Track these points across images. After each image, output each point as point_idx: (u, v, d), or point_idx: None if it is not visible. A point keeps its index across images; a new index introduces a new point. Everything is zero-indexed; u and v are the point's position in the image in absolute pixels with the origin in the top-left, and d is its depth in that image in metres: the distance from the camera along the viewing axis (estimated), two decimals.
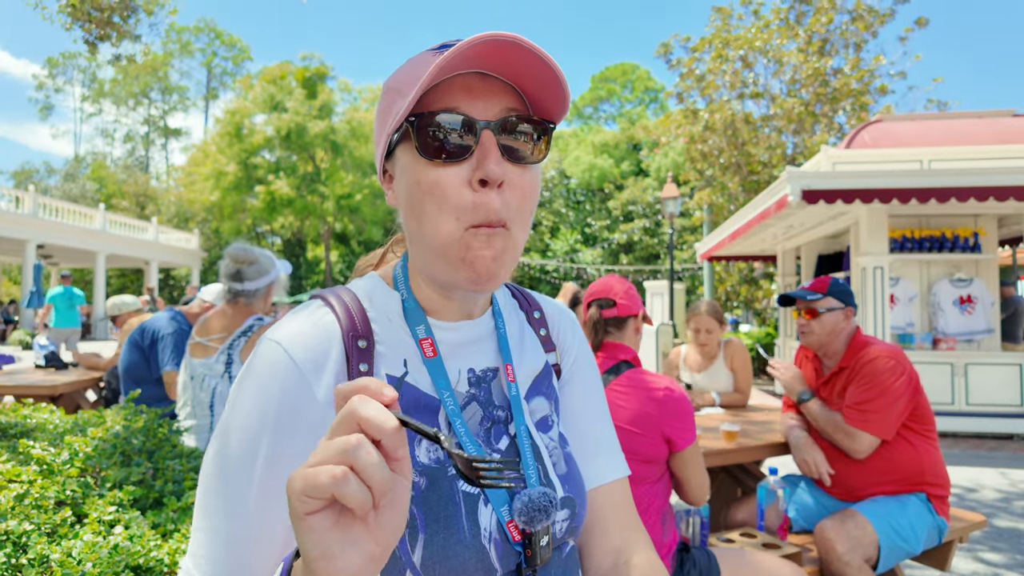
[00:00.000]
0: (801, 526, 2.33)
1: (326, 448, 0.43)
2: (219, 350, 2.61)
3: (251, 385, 0.65)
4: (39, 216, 20.54)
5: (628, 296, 2.02)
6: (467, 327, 0.78)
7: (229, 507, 0.63)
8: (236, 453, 0.63)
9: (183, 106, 50.64)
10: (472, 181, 0.65)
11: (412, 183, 0.68)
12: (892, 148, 7.28)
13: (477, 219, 0.65)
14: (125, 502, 1.48)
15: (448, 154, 0.65)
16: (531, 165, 0.69)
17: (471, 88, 0.66)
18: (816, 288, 2.40)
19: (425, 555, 0.63)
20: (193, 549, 0.64)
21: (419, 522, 0.64)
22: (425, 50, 0.71)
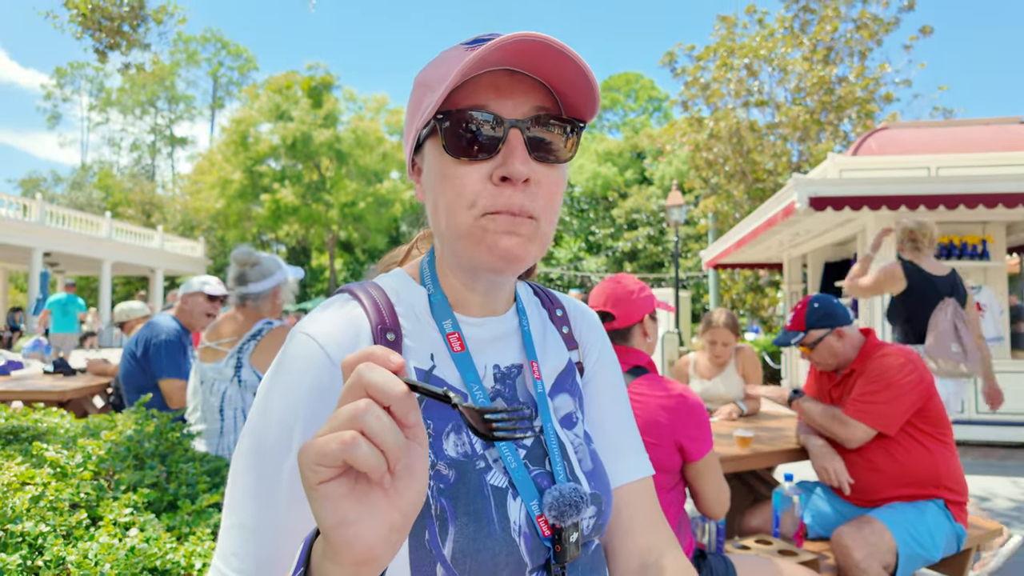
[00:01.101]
0: (817, 533, 2.31)
1: (335, 416, 0.42)
2: (229, 354, 2.61)
3: (283, 378, 0.65)
4: (46, 224, 20.66)
5: (626, 303, 1.93)
6: (492, 323, 0.78)
7: (261, 501, 0.62)
8: (268, 446, 0.63)
9: (189, 115, 51.01)
10: (494, 176, 0.65)
11: (438, 177, 0.68)
12: (899, 155, 7.27)
13: (495, 207, 0.65)
14: (139, 505, 1.48)
15: (475, 152, 0.65)
16: (558, 164, 0.69)
17: (500, 86, 0.66)
18: (795, 326, 2.39)
19: (456, 548, 0.63)
20: (223, 547, 0.62)
21: (449, 515, 0.64)
22: (459, 44, 0.71)
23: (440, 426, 0.68)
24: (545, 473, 0.72)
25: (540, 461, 0.73)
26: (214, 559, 0.63)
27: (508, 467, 0.69)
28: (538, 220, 0.67)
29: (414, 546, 0.62)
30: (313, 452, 0.41)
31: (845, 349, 2.31)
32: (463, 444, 0.69)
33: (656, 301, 2.01)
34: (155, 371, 3.13)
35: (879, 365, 2.18)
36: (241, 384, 2.55)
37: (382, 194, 30.22)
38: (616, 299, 1.94)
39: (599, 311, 1.95)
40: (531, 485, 0.69)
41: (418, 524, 0.63)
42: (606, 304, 1.95)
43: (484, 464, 0.68)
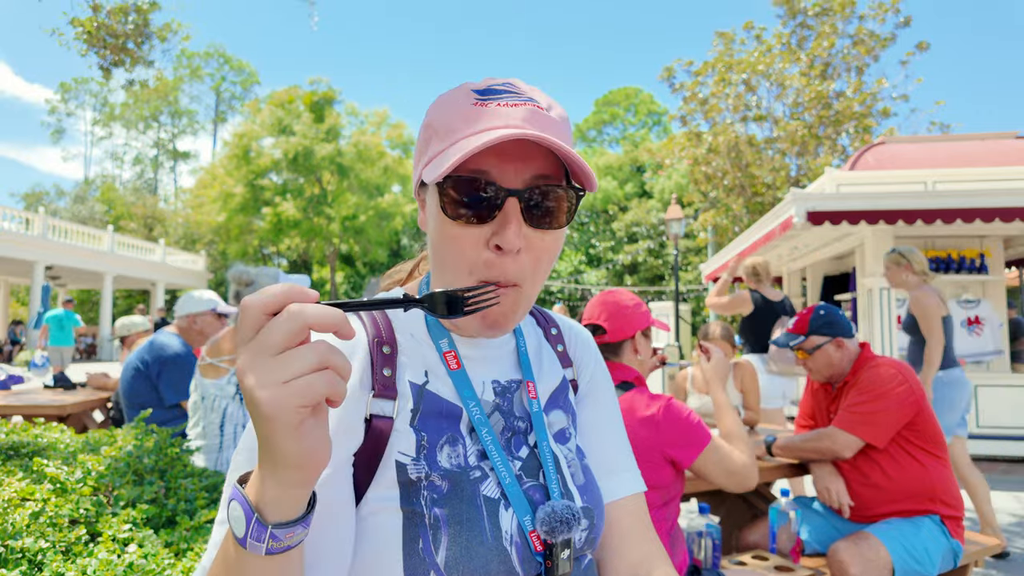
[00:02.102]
0: (814, 548, 2.31)
1: (297, 358, 0.46)
2: (230, 371, 2.63)
3: None
4: (48, 238, 20.73)
5: (618, 318, 1.91)
6: (488, 343, 0.80)
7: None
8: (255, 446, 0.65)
9: (192, 129, 51.33)
10: (489, 243, 0.67)
11: (437, 229, 0.71)
12: (896, 170, 7.32)
13: (490, 277, 0.68)
14: (138, 520, 1.49)
15: (470, 218, 0.67)
16: (554, 231, 0.70)
17: (504, 151, 0.67)
18: (798, 330, 2.40)
19: (448, 556, 0.64)
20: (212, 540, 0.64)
21: (442, 524, 0.65)
22: (469, 86, 0.71)
23: (434, 438, 0.70)
24: (538, 486, 0.74)
25: (534, 474, 0.75)
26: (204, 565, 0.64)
27: (501, 481, 0.71)
28: (522, 286, 0.70)
29: (408, 553, 0.64)
30: (297, 396, 0.45)
31: (842, 360, 2.32)
32: (457, 456, 0.71)
33: (651, 319, 2.00)
34: (170, 396, 3.12)
35: (869, 376, 2.20)
36: (242, 401, 2.56)
37: (383, 207, 30.34)
38: (609, 313, 1.93)
39: (591, 324, 1.95)
40: (523, 500, 0.71)
41: (411, 532, 0.65)
42: (599, 317, 1.94)
43: (478, 475, 0.70)
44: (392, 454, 0.68)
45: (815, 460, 2.32)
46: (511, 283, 0.68)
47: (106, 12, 7.06)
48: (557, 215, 0.69)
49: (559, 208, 0.68)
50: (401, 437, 0.69)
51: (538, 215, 0.67)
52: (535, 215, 0.67)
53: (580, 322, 2.02)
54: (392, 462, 0.68)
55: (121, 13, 7.16)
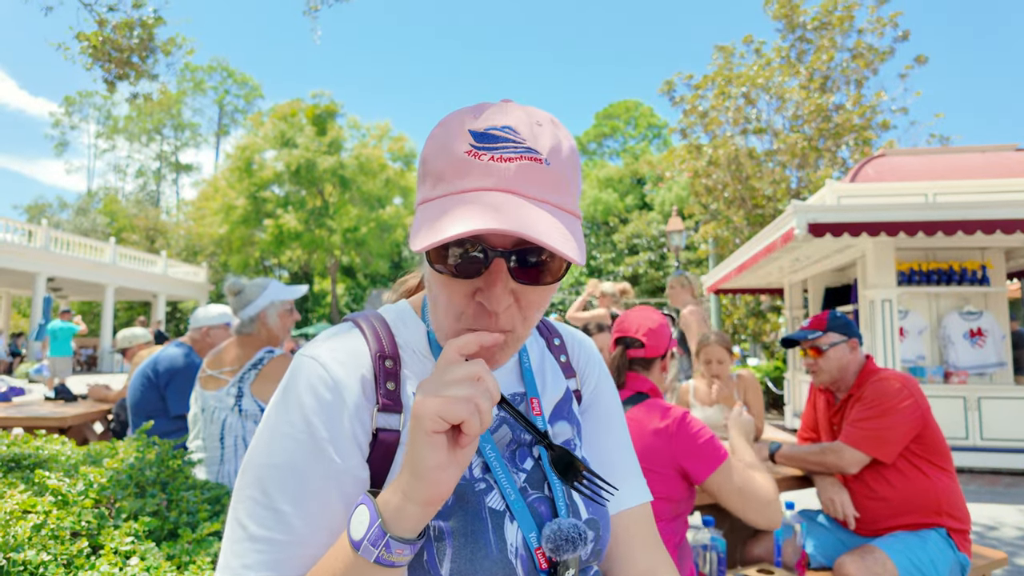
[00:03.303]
0: (819, 562, 2.29)
1: (457, 382, 0.57)
2: (230, 383, 2.62)
3: (288, 397, 0.68)
4: (50, 250, 20.78)
5: (656, 336, 1.97)
6: None
7: (272, 513, 0.64)
8: (274, 462, 0.65)
9: (195, 142, 51.60)
10: (476, 296, 0.66)
11: (427, 268, 0.69)
12: (897, 182, 7.33)
13: (477, 326, 0.67)
14: (140, 533, 1.48)
15: (458, 274, 0.65)
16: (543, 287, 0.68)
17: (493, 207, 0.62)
18: (815, 326, 2.40)
19: (453, 568, 0.64)
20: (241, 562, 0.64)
21: (447, 537, 0.65)
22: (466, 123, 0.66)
23: None
24: (544, 498, 0.73)
25: (539, 486, 0.74)
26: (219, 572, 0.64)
27: (506, 497, 0.70)
28: (515, 331, 0.69)
29: (413, 566, 0.64)
30: (442, 407, 0.55)
31: (851, 366, 2.31)
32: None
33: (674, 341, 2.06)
34: (176, 407, 3.12)
35: (875, 390, 2.19)
36: (242, 413, 2.55)
37: (384, 219, 30.43)
38: (649, 329, 1.98)
39: (629, 337, 1.97)
40: (528, 515, 0.71)
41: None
42: (638, 332, 1.98)
43: (483, 487, 0.70)
44: (398, 467, 0.68)
45: (819, 472, 2.31)
46: (501, 331, 0.67)
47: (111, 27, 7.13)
48: (546, 273, 0.66)
49: (549, 267, 0.66)
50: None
51: (527, 273, 0.65)
52: (524, 273, 0.65)
53: (616, 330, 2.04)
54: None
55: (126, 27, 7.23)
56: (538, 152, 0.64)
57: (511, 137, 0.63)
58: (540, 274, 0.66)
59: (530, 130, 0.65)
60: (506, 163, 0.62)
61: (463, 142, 0.64)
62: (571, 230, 0.63)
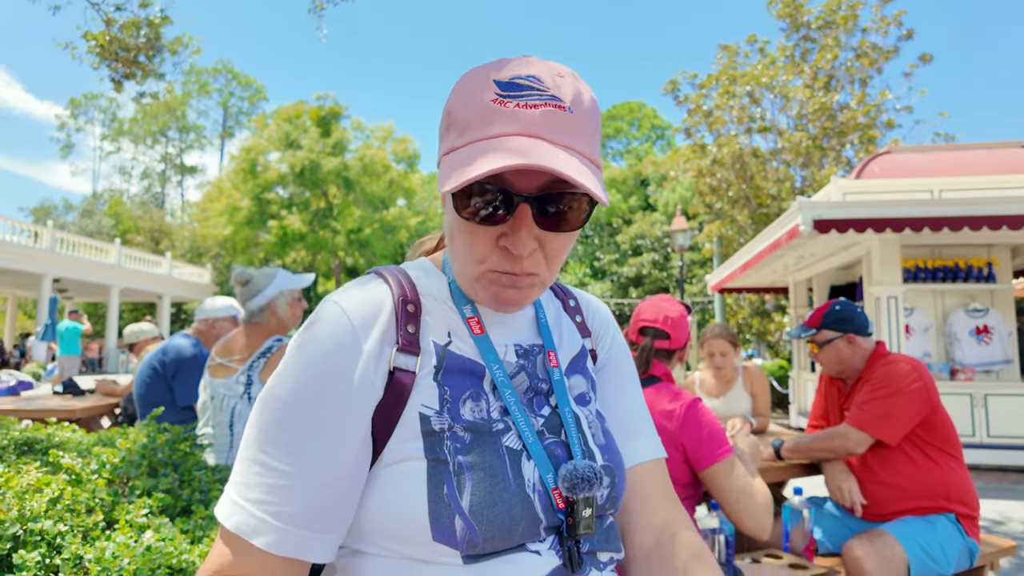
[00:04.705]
0: (827, 548, 2.29)
1: None
2: (239, 371, 2.64)
3: (309, 337, 0.70)
4: (56, 251, 20.88)
5: (679, 326, 2.00)
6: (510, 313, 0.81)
7: (286, 450, 0.65)
8: (289, 398, 0.67)
9: (199, 144, 51.82)
10: (500, 242, 0.68)
11: (452, 221, 0.71)
12: (902, 178, 7.33)
13: (501, 268, 0.69)
14: (154, 509, 1.49)
15: (484, 220, 0.67)
16: (567, 233, 0.70)
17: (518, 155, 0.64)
18: (811, 323, 2.41)
19: (473, 501, 0.65)
20: (253, 495, 0.65)
21: (466, 470, 0.67)
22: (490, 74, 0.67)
23: (457, 393, 0.72)
24: (560, 443, 0.75)
25: (556, 431, 0.76)
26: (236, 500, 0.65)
27: (523, 438, 0.72)
28: (540, 275, 0.71)
29: (433, 498, 0.65)
30: None
31: (853, 357, 2.31)
32: (480, 410, 0.72)
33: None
34: (183, 397, 3.14)
35: (884, 372, 2.18)
36: (251, 400, 2.57)
37: (388, 221, 30.50)
38: (674, 321, 2.00)
39: (655, 327, 1.98)
40: (545, 456, 0.72)
41: (435, 479, 0.66)
42: (664, 323, 1.99)
43: (500, 427, 0.72)
44: (415, 407, 0.69)
45: (827, 459, 2.31)
46: (525, 274, 0.69)
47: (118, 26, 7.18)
48: (570, 219, 0.68)
49: (572, 213, 0.68)
50: (423, 391, 0.70)
51: (551, 219, 0.67)
52: (547, 219, 0.67)
53: (638, 319, 2.06)
54: (415, 414, 0.69)
55: (133, 27, 7.28)
56: (561, 100, 0.66)
57: (535, 86, 0.65)
58: (564, 220, 0.68)
59: (552, 80, 0.67)
60: (531, 109, 0.64)
61: (488, 91, 0.66)
62: (595, 176, 0.65)
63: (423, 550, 0.65)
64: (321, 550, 0.66)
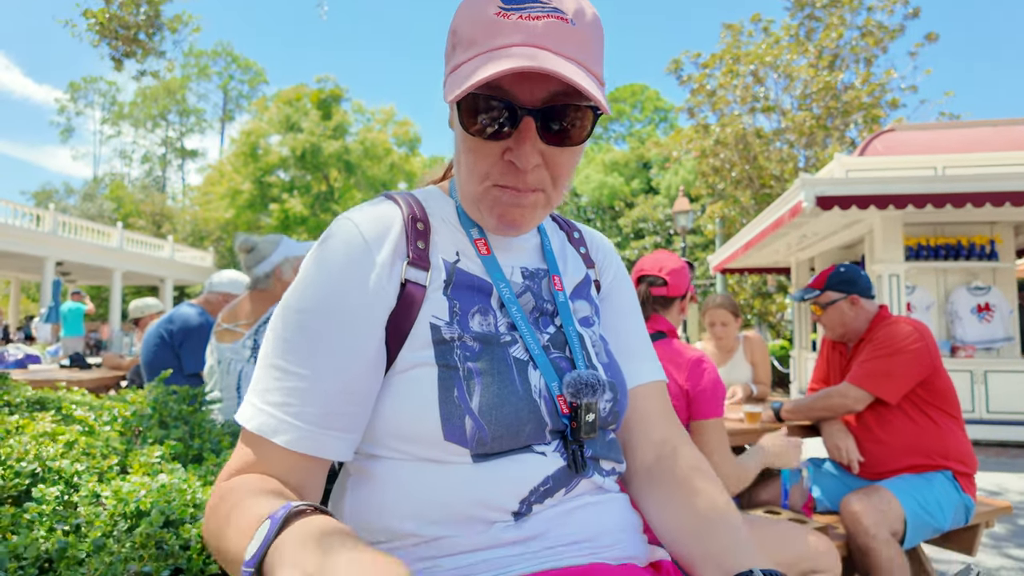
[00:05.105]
0: (825, 506, 2.33)
1: None
2: (245, 335, 2.67)
3: (323, 251, 0.72)
4: (58, 234, 20.89)
5: (678, 276, 2.01)
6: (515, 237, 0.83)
7: (304, 356, 0.68)
8: (306, 307, 0.69)
9: (200, 128, 51.59)
10: (505, 157, 0.70)
11: (458, 138, 0.73)
12: (906, 156, 7.30)
13: (505, 182, 0.71)
14: (166, 455, 1.53)
15: (488, 134, 0.68)
16: (571, 147, 0.71)
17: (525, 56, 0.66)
18: (815, 285, 2.42)
19: (482, 403, 0.68)
20: (273, 397, 0.67)
21: (475, 375, 0.69)
22: None
23: (466, 307, 0.74)
24: (564, 358, 0.77)
25: (560, 348, 0.78)
26: (258, 404, 0.68)
27: (530, 349, 0.74)
28: (546, 191, 0.73)
29: (443, 400, 0.67)
30: None
31: (856, 319, 2.32)
32: (488, 324, 0.74)
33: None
34: (190, 365, 3.17)
35: (886, 332, 2.20)
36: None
37: None
38: (672, 269, 2.02)
39: (652, 275, 2.01)
40: (550, 366, 0.75)
41: (446, 382, 0.68)
42: (661, 271, 2.02)
43: (508, 339, 0.74)
44: (425, 318, 0.72)
45: (826, 418, 2.33)
46: (530, 189, 0.71)
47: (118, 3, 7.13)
48: (574, 133, 0.69)
49: (576, 126, 0.69)
50: (434, 303, 0.73)
51: (554, 133, 0.68)
52: (551, 133, 0.68)
53: (637, 271, 2.07)
54: (426, 325, 0.72)
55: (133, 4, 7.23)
56: (564, 12, 0.67)
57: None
58: (568, 134, 0.69)
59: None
60: (534, 20, 0.66)
61: (491, 5, 0.67)
62: (599, 89, 0.66)
63: (435, 450, 0.68)
64: (338, 448, 0.69)
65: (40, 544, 0.99)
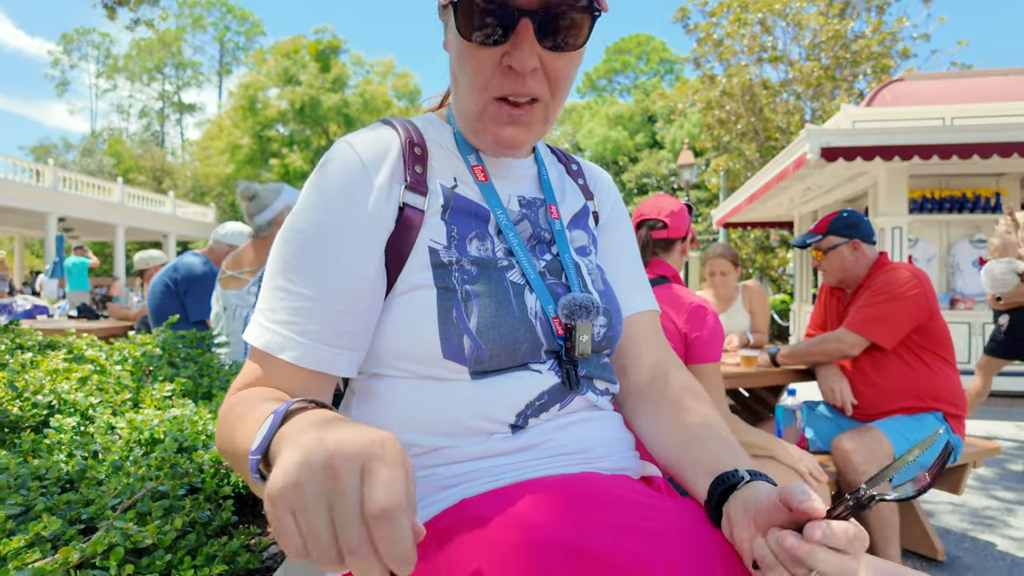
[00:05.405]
0: (818, 447, 2.39)
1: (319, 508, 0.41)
2: (250, 282, 2.71)
3: (322, 175, 0.74)
4: (59, 189, 20.79)
5: (678, 218, 2.01)
6: (513, 164, 0.85)
7: (307, 276, 0.70)
8: (308, 228, 0.71)
9: (197, 81, 50.65)
10: (503, 63, 0.70)
11: (455, 52, 0.73)
12: (914, 106, 7.18)
13: (503, 92, 0.70)
14: (177, 392, 1.57)
15: (484, 38, 0.68)
16: (569, 52, 0.71)
17: None
18: (818, 229, 2.41)
19: (480, 322, 0.71)
20: (279, 316, 0.70)
21: (473, 297, 0.72)
22: None
23: (464, 232, 0.76)
24: (560, 284, 0.79)
25: (557, 275, 0.80)
26: (264, 323, 0.70)
27: (527, 274, 0.76)
28: (543, 101, 0.73)
29: (443, 320, 0.70)
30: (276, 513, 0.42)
31: (856, 264, 2.33)
32: (485, 249, 0.76)
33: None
34: (195, 312, 3.22)
35: (884, 279, 2.22)
36: None
37: None
38: (670, 211, 2.02)
39: (652, 218, 2.02)
40: (546, 291, 0.77)
41: (445, 303, 0.71)
42: (659, 213, 2.02)
43: (505, 264, 0.76)
44: (424, 241, 0.74)
45: (822, 362, 2.37)
46: (530, 95, 0.71)
47: None
48: (572, 36, 0.69)
49: (574, 29, 0.69)
50: (432, 228, 0.75)
51: (552, 36, 0.68)
52: (549, 36, 0.68)
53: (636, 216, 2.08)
54: (424, 248, 0.73)
55: None
56: None
57: None
58: (565, 37, 0.69)
59: None
60: None
61: None
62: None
63: (435, 367, 0.71)
64: (341, 365, 0.72)
65: (61, 467, 1.04)
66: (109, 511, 0.90)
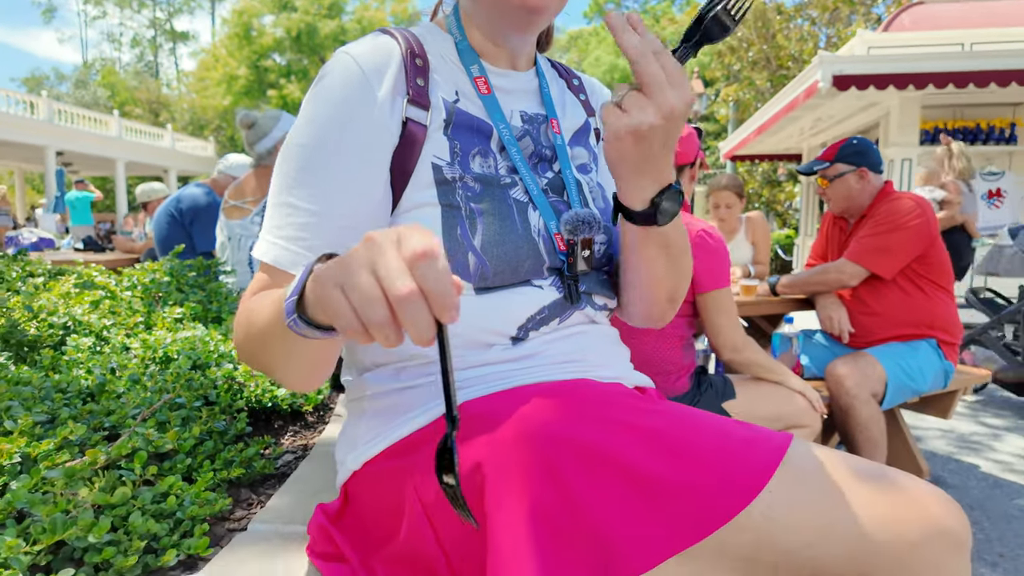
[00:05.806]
0: (813, 373, 2.44)
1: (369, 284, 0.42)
2: (254, 211, 2.71)
3: (322, 87, 0.73)
4: (55, 122, 20.45)
5: (687, 143, 1.95)
6: (515, 76, 0.84)
7: (311, 190, 0.70)
8: (311, 143, 0.71)
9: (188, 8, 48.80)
10: None
11: None
12: (933, 31, 6.92)
13: None
14: (187, 316, 1.62)
15: None
16: None
17: None
18: (825, 156, 2.38)
19: (484, 240, 0.72)
20: (285, 232, 0.71)
21: (477, 215, 0.73)
22: None
23: (467, 148, 0.76)
24: (562, 201, 0.80)
25: (558, 192, 0.81)
26: (271, 240, 0.71)
27: (529, 191, 0.77)
28: None
29: (447, 237, 0.72)
30: (327, 295, 0.45)
31: (862, 193, 2.31)
32: (489, 166, 0.77)
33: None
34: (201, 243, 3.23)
35: (887, 208, 2.21)
36: None
37: None
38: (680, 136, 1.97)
39: None
40: (549, 208, 0.78)
41: (449, 221, 0.72)
42: None
43: (508, 182, 0.77)
44: (427, 158, 0.74)
45: (821, 292, 2.40)
46: None
47: None
48: None
49: None
50: (435, 143, 0.75)
51: None
52: None
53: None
54: (428, 164, 0.74)
55: None
56: None
57: None
58: None
59: None
60: None
61: None
62: None
63: None
64: None
65: (81, 381, 1.09)
66: (130, 419, 0.95)
